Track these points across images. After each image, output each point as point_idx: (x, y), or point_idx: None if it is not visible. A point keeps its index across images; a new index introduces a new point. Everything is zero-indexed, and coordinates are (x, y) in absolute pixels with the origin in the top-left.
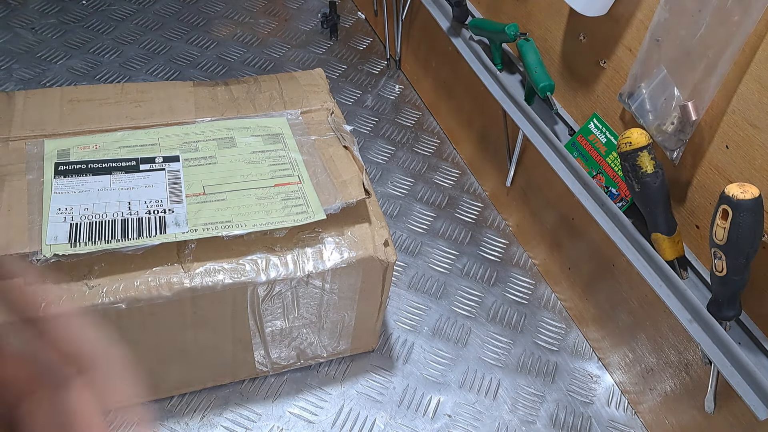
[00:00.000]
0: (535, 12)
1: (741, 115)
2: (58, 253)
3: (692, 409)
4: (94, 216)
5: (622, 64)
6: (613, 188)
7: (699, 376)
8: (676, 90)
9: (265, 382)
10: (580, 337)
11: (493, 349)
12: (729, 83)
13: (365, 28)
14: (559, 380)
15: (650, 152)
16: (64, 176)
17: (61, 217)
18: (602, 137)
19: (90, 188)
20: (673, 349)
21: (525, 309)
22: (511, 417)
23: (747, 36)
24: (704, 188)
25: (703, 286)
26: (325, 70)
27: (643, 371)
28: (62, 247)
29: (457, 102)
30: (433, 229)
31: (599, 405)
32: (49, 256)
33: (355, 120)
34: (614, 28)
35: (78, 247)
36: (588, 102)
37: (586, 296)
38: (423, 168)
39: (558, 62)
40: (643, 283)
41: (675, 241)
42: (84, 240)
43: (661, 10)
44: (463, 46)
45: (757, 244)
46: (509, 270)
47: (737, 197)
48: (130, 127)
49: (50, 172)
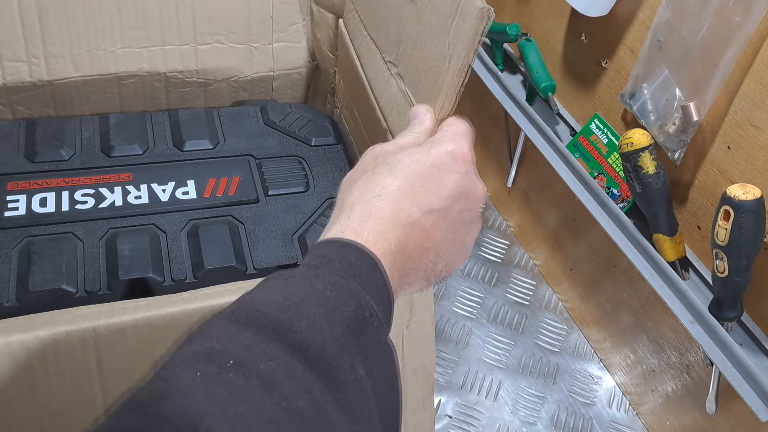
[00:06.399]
0: (536, 12)
1: (743, 116)
2: None
3: (694, 410)
4: None
5: (623, 65)
6: (614, 189)
7: (700, 377)
8: (678, 90)
9: None
10: (582, 338)
11: (494, 350)
12: (731, 84)
13: None
14: (560, 381)
15: (652, 153)
16: None
17: None
18: (604, 138)
19: None
20: (674, 350)
21: (526, 310)
22: (512, 418)
23: (749, 36)
24: (706, 189)
25: (705, 287)
26: None
27: (644, 372)
28: None
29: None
30: None
31: (600, 406)
32: None
33: None
34: (616, 29)
35: None
36: (589, 102)
37: (587, 297)
38: None
39: (559, 62)
40: (645, 283)
41: (676, 241)
42: None
43: (663, 11)
44: None
45: (758, 245)
46: (510, 271)
47: (739, 198)
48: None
49: None
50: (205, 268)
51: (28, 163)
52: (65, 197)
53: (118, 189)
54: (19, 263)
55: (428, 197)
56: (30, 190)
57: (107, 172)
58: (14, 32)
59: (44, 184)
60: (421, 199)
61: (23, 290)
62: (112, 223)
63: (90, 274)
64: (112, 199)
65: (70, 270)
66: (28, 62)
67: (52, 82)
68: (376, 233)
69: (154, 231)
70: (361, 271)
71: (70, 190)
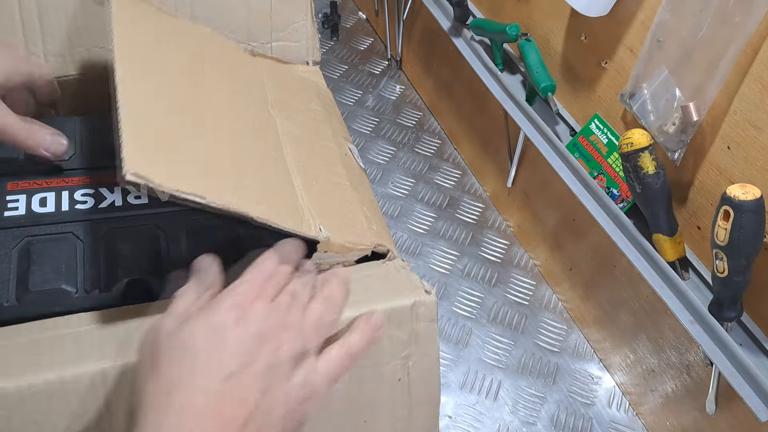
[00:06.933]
0: (536, 12)
1: (743, 116)
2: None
3: (693, 410)
4: None
5: (623, 65)
6: (614, 189)
7: (700, 377)
8: (678, 91)
9: None
10: (581, 338)
11: (494, 350)
12: (731, 84)
13: (366, 28)
14: (560, 381)
15: (652, 153)
16: None
17: None
18: (603, 138)
19: None
20: (674, 350)
21: (526, 310)
22: (511, 418)
23: (749, 37)
24: (706, 189)
25: (705, 287)
26: (325, 71)
27: (644, 372)
28: None
29: (458, 102)
30: (434, 229)
31: (600, 406)
32: None
33: (355, 120)
34: (616, 29)
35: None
36: (589, 102)
37: (587, 297)
38: (424, 168)
39: (559, 63)
40: (645, 284)
41: (676, 241)
42: None
43: (663, 11)
44: (464, 46)
45: (758, 245)
46: (510, 271)
47: (739, 198)
48: None
49: None
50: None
51: (28, 163)
52: (65, 197)
53: (117, 189)
54: (19, 263)
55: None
56: (30, 190)
57: (107, 172)
58: (14, 31)
59: (44, 184)
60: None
61: (23, 290)
62: (111, 223)
63: (89, 273)
64: (112, 199)
65: (70, 270)
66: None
67: (52, 81)
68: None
69: (154, 231)
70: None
71: (70, 190)
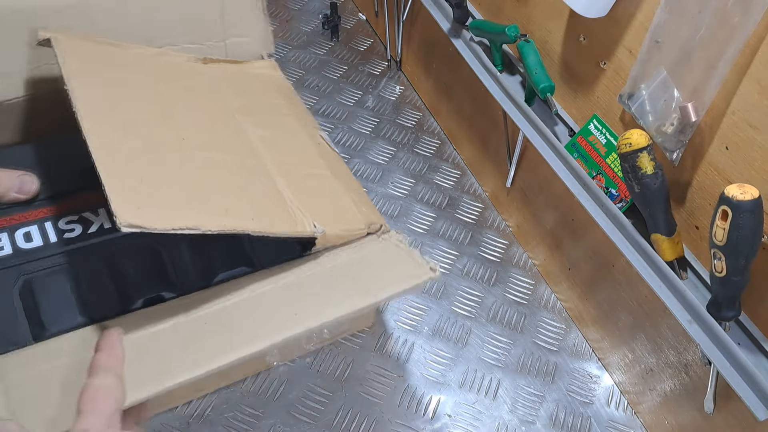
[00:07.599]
0: (535, 13)
1: (741, 117)
2: None
3: (692, 409)
4: None
5: (622, 66)
6: (612, 189)
7: (698, 376)
8: (676, 91)
9: (267, 381)
10: (580, 337)
11: (493, 349)
12: (729, 84)
13: (366, 29)
14: (558, 380)
15: (650, 153)
16: None
17: None
18: (602, 138)
19: None
20: (672, 350)
21: (525, 309)
22: (510, 417)
23: (747, 37)
24: (704, 189)
25: (703, 286)
26: (326, 71)
27: (642, 371)
28: None
29: (457, 103)
30: (434, 229)
31: (599, 405)
32: None
33: (355, 121)
34: (614, 30)
35: None
36: (588, 103)
37: (585, 297)
38: (423, 169)
39: (558, 63)
40: (643, 283)
41: (675, 241)
42: None
43: (662, 12)
44: (463, 47)
45: (756, 245)
46: (509, 270)
47: (737, 198)
48: None
49: None
50: (216, 274)
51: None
52: (50, 228)
53: (102, 211)
54: (23, 303)
55: None
56: (10, 227)
57: (82, 193)
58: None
59: (22, 218)
60: None
61: (39, 329)
62: (107, 247)
63: (101, 301)
64: (100, 222)
65: (80, 301)
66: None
67: (2, 103)
68: None
69: (155, 248)
70: None
71: (52, 220)
